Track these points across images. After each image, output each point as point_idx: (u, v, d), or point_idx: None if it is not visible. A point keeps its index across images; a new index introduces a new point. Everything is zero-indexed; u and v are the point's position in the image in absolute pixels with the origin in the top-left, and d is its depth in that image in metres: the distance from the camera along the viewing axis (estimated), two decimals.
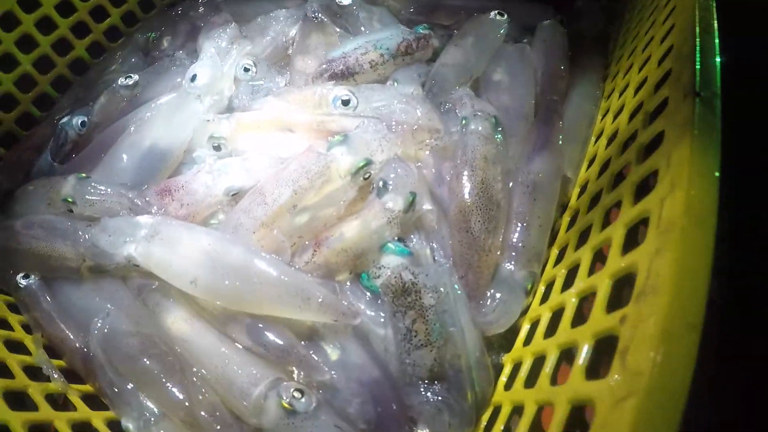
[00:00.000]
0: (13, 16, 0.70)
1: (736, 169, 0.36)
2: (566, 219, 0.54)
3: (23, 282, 0.58)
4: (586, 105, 0.61)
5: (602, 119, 0.59)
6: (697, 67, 0.37)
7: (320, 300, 0.47)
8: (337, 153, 0.52)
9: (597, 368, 0.33)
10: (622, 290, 0.36)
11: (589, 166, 0.56)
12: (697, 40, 0.40)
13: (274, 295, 0.48)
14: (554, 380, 0.39)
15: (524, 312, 0.51)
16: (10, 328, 0.56)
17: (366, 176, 0.52)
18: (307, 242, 0.52)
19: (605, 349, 0.33)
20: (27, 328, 0.57)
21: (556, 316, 0.45)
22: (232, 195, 0.56)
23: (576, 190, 0.56)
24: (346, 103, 0.58)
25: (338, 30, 0.68)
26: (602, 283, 0.37)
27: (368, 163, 0.51)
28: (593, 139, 0.59)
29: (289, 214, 0.51)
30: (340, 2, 0.69)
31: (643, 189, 0.39)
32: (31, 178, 0.70)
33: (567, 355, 0.39)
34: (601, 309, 0.36)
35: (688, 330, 0.25)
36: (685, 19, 0.44)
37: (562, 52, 0.66)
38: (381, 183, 0.51)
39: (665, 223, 0.31)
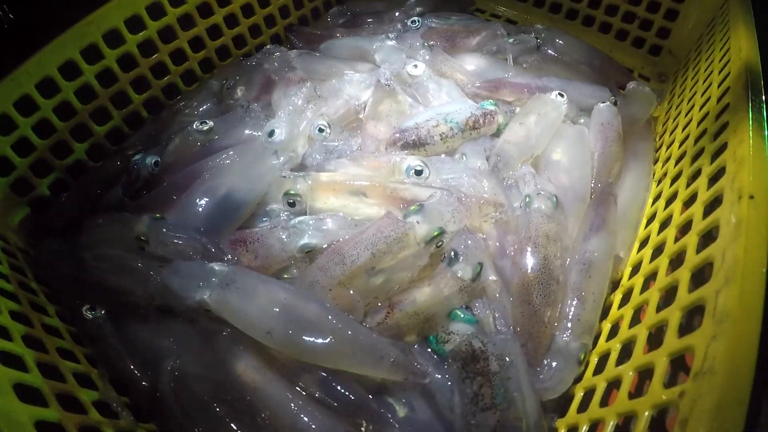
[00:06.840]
0: (98, 50, 0.77)
1: None
2: (618, 296, 0.63)
3: (89, 314, 0.63)
4: (638, 189, 0.70)
5: (654, 203, 0.68)
6: (751, 178, 0.47)
7: (392, 360, 0.54)
8: (413, 221, 0.59)
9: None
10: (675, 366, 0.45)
11: (641, 247, 0.65)
12: (751, 150, 0.50)
13: (349, 352, 0.55)
14: None
15: (577, 380, 0.59)
16: (76, 360, 0.58)
17: (438, 244, 0.59)
18: (379, 304, 0.60)
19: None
20: (91, 360, 0.60)
21: (611, 386, 0.53)
22: (306, 252, 0.63)
23: (628, 270, 0.65)
24: (419, 173, 0.66)
25: (409, 99, 0.77)
26: (660, 361, 0.45)
27: (442, 232, 0.59)
28: (644, 221, 0.68)
29: (366, 275, 0.58)
30: (411, 72, 0.78)
31: (700, 276, 0.48)
32: (98, 209, 0.76)
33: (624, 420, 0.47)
34: (659, 383, 0.43)
35: (738, 404, 0.35)
36: (741, 130, 0.53)
37: (617, 135, 0.75)
38: (452, 253, 0.60)
39: (720, 313, 0.40)
